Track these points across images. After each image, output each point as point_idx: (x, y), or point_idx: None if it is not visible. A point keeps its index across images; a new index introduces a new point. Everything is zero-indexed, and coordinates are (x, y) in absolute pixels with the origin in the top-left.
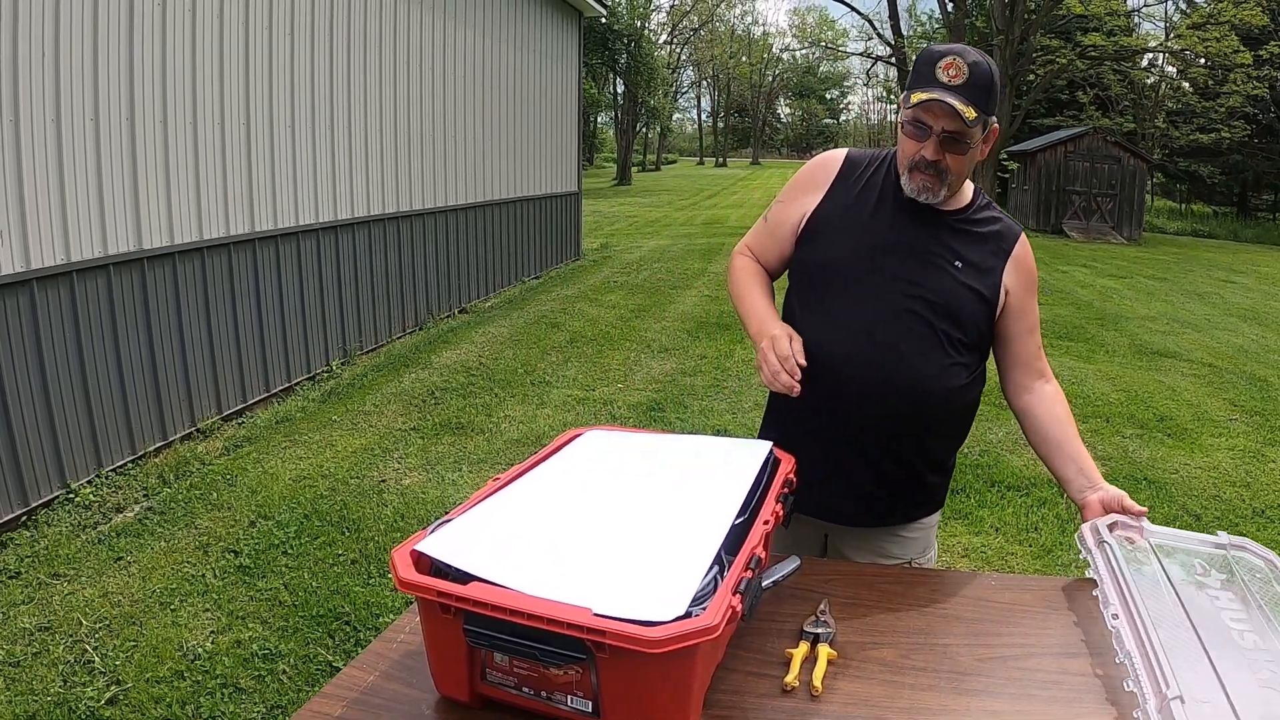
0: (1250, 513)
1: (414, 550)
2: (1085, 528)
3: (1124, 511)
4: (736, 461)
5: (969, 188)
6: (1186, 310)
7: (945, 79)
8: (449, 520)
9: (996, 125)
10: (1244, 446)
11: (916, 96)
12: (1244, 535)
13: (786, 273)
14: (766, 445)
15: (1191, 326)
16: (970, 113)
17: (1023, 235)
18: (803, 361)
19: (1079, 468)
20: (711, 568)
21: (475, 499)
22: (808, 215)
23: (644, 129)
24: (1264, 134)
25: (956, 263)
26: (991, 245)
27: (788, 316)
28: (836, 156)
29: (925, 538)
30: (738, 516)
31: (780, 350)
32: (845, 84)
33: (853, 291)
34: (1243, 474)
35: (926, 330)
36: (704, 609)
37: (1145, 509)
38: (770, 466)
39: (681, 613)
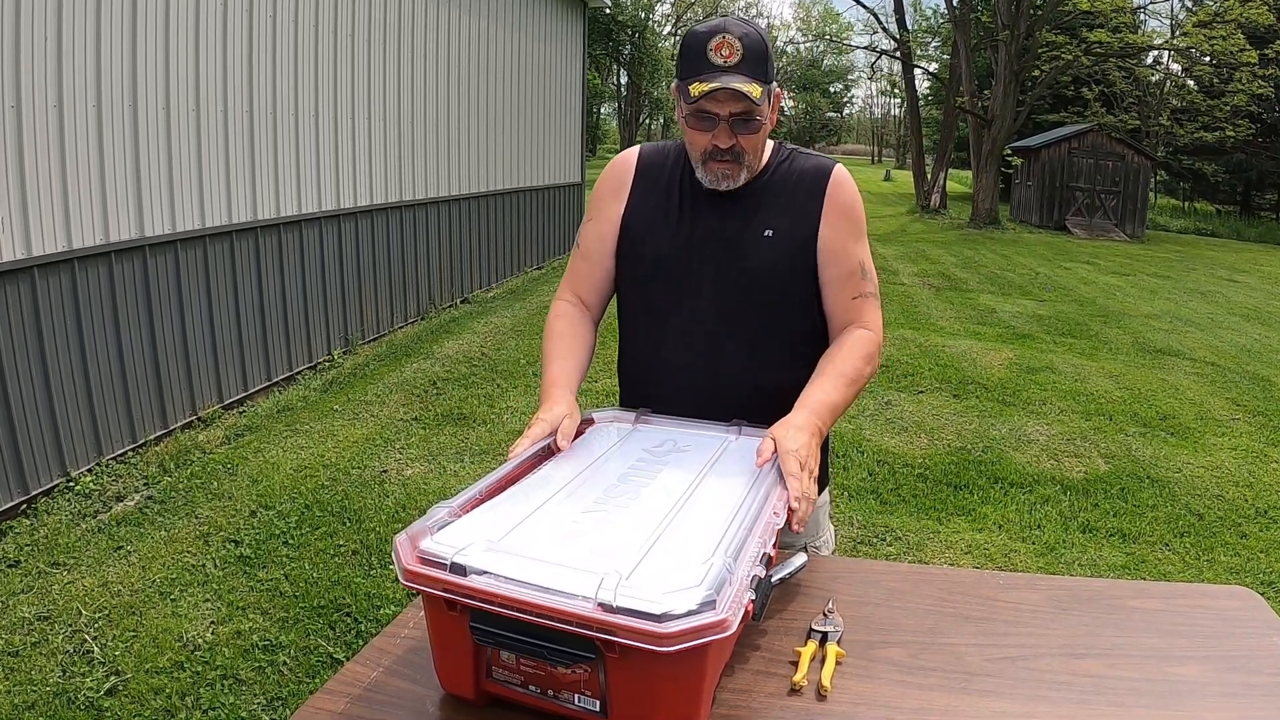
0: (1253, 512)
1: (419, 553)
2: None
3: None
4: (748, 454)
5: (767, 147)
6: (1189, 309)
7: (720, 60)
8: (450, 506)
9: (779, 90)
10: (1247, 446)
11: (697, 88)
12: (1247, 535)
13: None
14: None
15: (1194, 325)
16: (756, 90)
17: (836, 171)
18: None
19: (803, 396)
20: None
21: (485, 491)
22: (619, 223)
23: (647, 120)
24: (1268, 133)
25: (767, 232)
26: (803, 195)
27: (620, 328)
28: (630, 157)
29: (815, 520)
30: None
31: (531, 433)
32: (849, 77)
33: (674, 293)
34: (1245, 474)
35: (751, 319)
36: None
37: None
38: None
39: (694, 608)
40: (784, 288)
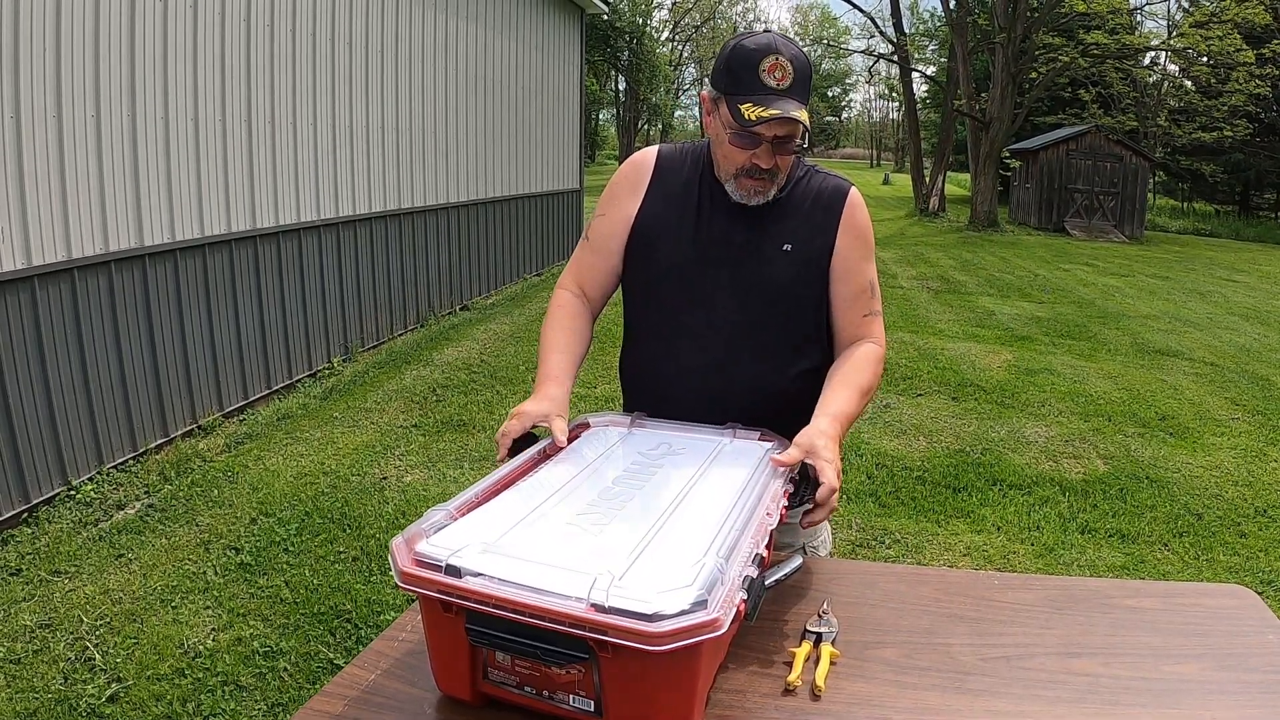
0: (1253, 511)
1: (415, 556)
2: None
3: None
4: (742, 456)
5: None
6: (1188, 309)
7: (773, 83)
8: (446, 509)
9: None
10: (1246, 446)
11: (754, 112)
12: (1246, 535)
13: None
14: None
15: (1193, 325)
16: (806, 115)
17: (852, 192)
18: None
19: (825, 404)
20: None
21: (481, 494)
22: (632, 222)
23: (645, 126)
24: (1266, 133)
25: (786, 246)
26: (821, 212)
27: (628, 330)
28: (649, 156)
29: None
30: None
31: (508, 429)
32: (847, 81)
33: (688, 296)
34: (1245, 473)
35: (765, 327)
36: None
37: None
38: None
39: (685, 608)
40: (799, 299)
